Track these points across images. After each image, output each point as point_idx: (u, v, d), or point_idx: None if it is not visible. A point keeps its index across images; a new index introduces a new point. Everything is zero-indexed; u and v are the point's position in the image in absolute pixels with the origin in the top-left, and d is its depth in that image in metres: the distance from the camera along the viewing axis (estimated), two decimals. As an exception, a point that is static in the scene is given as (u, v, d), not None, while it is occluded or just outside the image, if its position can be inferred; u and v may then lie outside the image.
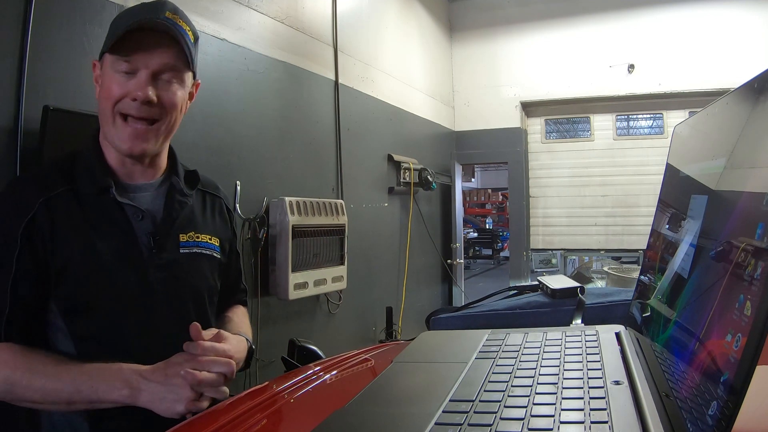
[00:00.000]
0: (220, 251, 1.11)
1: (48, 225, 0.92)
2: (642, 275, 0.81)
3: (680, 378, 0.48)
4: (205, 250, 1.07)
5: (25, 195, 0.94)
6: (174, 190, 1.05)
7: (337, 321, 3.15)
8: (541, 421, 0.50)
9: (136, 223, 0.99)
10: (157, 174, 1.06)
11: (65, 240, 0.93)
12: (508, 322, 1.07)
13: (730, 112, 0.57)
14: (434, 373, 0.71)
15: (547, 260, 5.33)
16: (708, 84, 4.41)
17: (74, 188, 0.96)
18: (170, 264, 1.01)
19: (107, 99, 0.95)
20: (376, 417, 0.58)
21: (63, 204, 0.94)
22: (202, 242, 1.07)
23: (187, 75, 1.02)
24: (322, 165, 3.07)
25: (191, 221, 1.07)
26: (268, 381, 0.84)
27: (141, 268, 0.98)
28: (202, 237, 1.07)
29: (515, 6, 5.03)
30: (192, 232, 1.06)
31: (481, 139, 5.15)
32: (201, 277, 1.06)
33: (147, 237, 0.99)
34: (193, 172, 1.14)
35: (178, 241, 1.03)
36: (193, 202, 1.09)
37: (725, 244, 0.47)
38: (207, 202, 1.14)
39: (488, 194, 16.31)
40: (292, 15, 2.81)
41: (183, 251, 1.03)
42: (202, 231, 1.08)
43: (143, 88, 0.93)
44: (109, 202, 0.97)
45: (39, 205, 0.92)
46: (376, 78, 3.69)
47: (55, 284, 0.93)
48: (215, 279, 1.11)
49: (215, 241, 1.10)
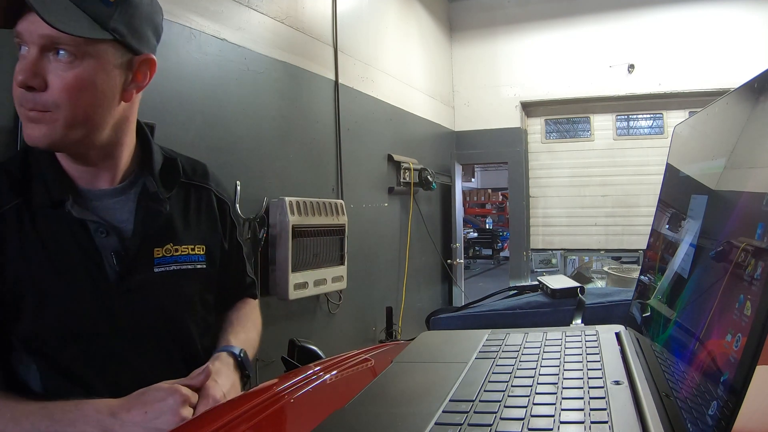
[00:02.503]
0: (207, 260, 0.95)
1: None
2: (642, 275, 0.81)
3: (680, 378, 0.48)
4: (185, 265, 0.91)
5: None
6: (146, 194, 0.88)
7: (337, 321, 3.15)
8: (541, 421, 0.50)
9: (99, 239, 0.83)
10: (118, 176, 0.88)
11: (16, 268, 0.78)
12: (508, 322, 1.07)
13: (730, 112, 0.56)
14: (434, 373, 0.71)
15: (547, 260, 5.33)
16: (708, 84, 4.41)
17: (27, 200, 0.81)
18: (141, 287, 0.86)
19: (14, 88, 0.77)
20: (376, 417, 0.58)
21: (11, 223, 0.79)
22: (182, 256, 0.91)
23: (97, 46, 0.76)
24: (322, 165, 3.07)
25: (168, 231, 0.90)
26: (268, 381, 0.84)
27: (106, 295, 0.83)
28: (182, 249, 0.91)
29: (515, 6, 5.03)
30: (169, 245, 0.89)
31: (481, 139, 5.15)
32: (179, 298, 0.91)
33: (113, 257, 0.83)
34: (173, 162, 0.94)
35: (152, 258, 0.87)
36: (172, 204, 0.92)
37: (725, 244, 0.47)
38: (191, 198, 0.97)
39: (488, 194, 16.30)
40: (292, 15, 2.81)
41: (158, 270, 0.88)
42: (183, 241, 0.92)
43: (25, 69, 0.72)
44: (66, 216, 0.81)
45: None
46: (376, 78, 3.69)
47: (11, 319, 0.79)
48: (201, 294, 0.95)
49: (200, 249, 0.94)
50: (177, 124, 2.06)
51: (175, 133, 2.04)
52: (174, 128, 2.04)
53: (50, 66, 0.74)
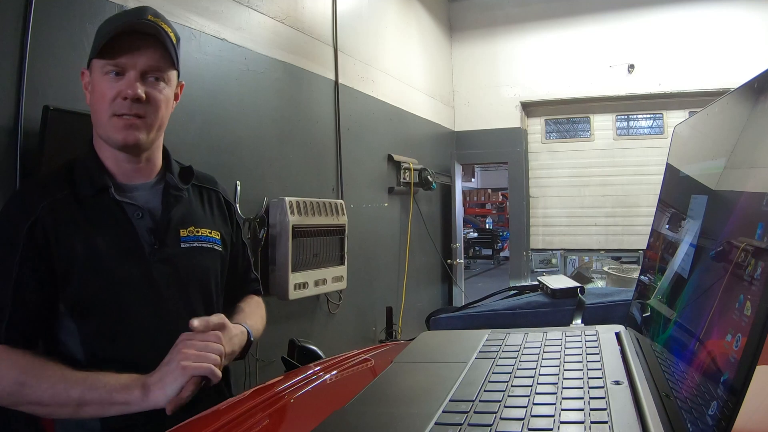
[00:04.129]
0: (222, 244, 1.13)
1: (51, 228, 0.94)
2: (642, 275, 0.81)
3: (680, 378, 0.48)
4: (206, 244, 1.09)
5: (28, 201, 0.97)
6: (169, 186, 1.08)
7: (337, 321, 3.15)
8: (541, 421, 0.50)
9: (136, 220, 1.01)
10: (153, 174, 1.09)
11: (68, 241, 0.95)
12: (508, 322, 1.07)
13: (730, 112, 0.57)
14: (434, 373, 0.71)
15: (547, 260, 5.33)
16: (708, 84, 4.41)
17: (74, 192, 0.99)
18: (171, 258, 1.03)
19: (101, 101, 0.98)
20: (376, 417, 0.58)
21: (64, 207, 0.97)
22: (203, 236, 1.09)
23: (172, 74, 1.05)
24: (322, 165, 3.07)
25: (190, 216, 1.09)
26: (268, 381, 0.84)
27: (145, 263, 1.00)
28: (202, 231, 1.09)
29: (515, 6, 5.03)
30: (192, 227, 1.08)
31: (481, 139, 5.15)
32: (205, 269, 1.09)
33: (148, 233, 1.01)
34: (188, 168, 1.16)
35: (178, 237, 1.06)
36: (189, 197, 1.12)
37: (725, 244, 0.47)
38: (204, 196, 1.17)
39: (488, 194, 16.31)
40: (292, 15, 2.81)
41: (184, 246, 1.06)
42: (202, 225, 1.10)
43: (133, 86, 0.97)
44: (108, 202, 1.00)
45: (41, 210, 0.95)
46: (376, 78, 3.69)
47: (62, 286, 0.94)
48: (219, 271, 1.13)
49: (216, 234, 1.12)
50: (177, 124, 2.06)
51: (175, 133, 2.03)
52: (174, 128, 2.02)
53: (145, 86, 0.99)
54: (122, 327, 0.97)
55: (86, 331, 0.96)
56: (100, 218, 0.99)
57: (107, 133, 1.00)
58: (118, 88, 0.97)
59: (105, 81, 0.98)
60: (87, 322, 0.96)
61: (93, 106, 1.01)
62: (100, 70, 0.98)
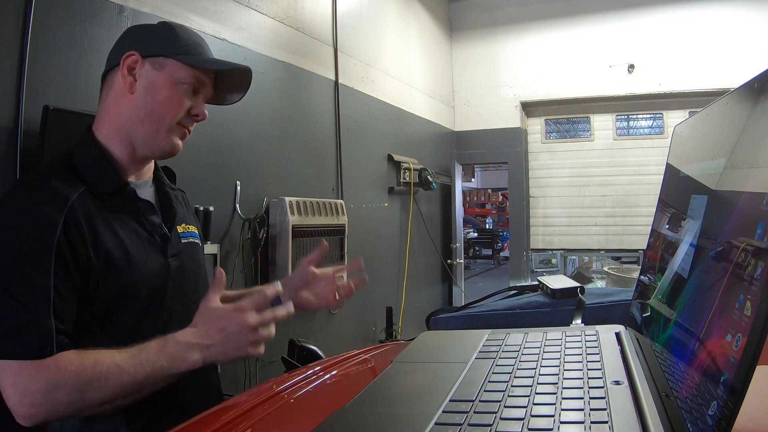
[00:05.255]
0: (200, 238, 1.18)
1: (80, 227, 0.91)
2: (642, 275, 0.81)
3: (680, 378, 0.48)
4: (195, 240, 1.13)
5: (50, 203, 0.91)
6: (163, 185, 1.11)
7: (337, 321, 3.15)
8: (541, 421, 0.50)
9: (149, 216, 1.04)
10: (150, 172, 1.11)
11: (100, 238, 0.93)
12: (508, 322, 1.07)
13: (730, 112, 0.57)
14: (434, 373, 0.71)
15: (547, 260, 5.33)
16: (708, 84, 4.41)
17: (89, 188, 0.96)
18: (179, 253, 1.06)
19: (168, 106, 1.00)
20: (376, 417, 0.58)
21: (86, 204, 0.94)
22: (194, 232, 1.13)
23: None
24: (322, 165, 3.07)
25: (179, 214, 1.12)
26: (268, 381, 0.84)
27: (163, 257, 1.02)
28: (190, 227, 1.13)
29: (515, 6, 5.03)
30: (184, 224, 1.11)
31: (481, 139, 5.15)
32: (201, 263, 1.15)
33: (160, 228, 1.05)
34: (167, 168, 1.22)
35: (178, 232, 1.09)
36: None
37: (725, 244, 0.47)
38: (178, 195, 1.18)
39: (488, 194, 16.31)
40: (292, 15, 2.81)
41: (183, 241, 1.09)
42: (189, 222, 1.14)
43: (203, 107, 1.05)
44: (124, 199, 1.00)
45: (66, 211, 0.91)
46: (376, 78, 3.69)
47: (96, 283, 0.92)
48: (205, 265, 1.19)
49: (196, 230, 1.17)
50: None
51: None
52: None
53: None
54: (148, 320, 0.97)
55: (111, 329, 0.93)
56: (119, 215, 0.99)
57: (158, 138, 1.00)
58: (193, 104, 1.02)
59: (179, 90, 1.00)
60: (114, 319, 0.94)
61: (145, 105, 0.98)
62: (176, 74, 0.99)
